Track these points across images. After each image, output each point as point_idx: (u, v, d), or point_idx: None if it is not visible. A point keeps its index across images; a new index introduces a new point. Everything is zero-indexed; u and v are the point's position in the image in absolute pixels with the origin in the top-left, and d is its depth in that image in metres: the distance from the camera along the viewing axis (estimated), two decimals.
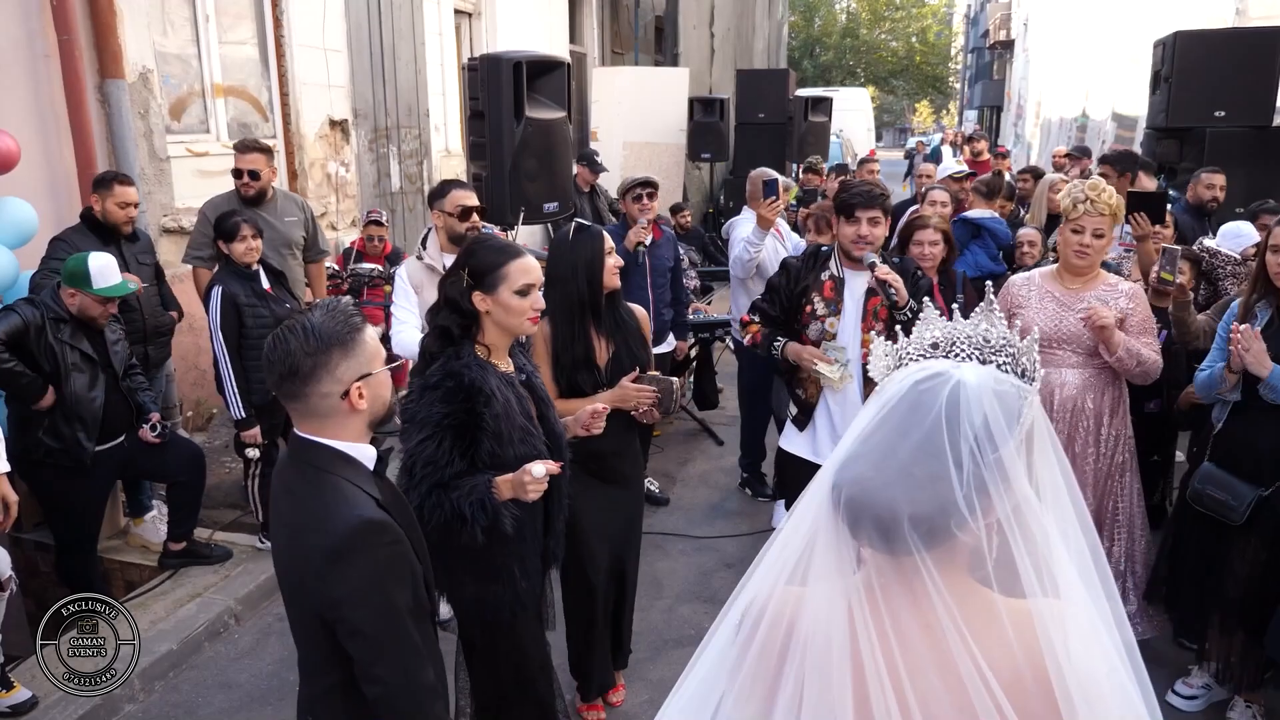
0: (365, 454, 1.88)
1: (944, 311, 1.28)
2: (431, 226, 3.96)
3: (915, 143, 25.49)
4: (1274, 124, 6.53)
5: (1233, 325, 3.11)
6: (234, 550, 4.52)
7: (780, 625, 1.20)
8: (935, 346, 1.21)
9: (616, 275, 3.05)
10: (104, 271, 3.84)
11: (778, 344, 3.57)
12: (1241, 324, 3.06)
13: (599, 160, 8.57)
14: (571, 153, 5.86)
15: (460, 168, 7.89)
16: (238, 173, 4.87)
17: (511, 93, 4.83)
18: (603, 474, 3.11)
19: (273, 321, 4.28)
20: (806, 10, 38.56)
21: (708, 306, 6.84)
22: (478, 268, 2.42)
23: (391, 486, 2.05)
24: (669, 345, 5.18)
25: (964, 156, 11.27)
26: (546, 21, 10.22)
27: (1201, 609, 3.30)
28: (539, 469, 2.27)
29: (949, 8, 49.20)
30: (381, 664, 1.78)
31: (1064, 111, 20.52)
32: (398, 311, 3.81)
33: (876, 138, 29.84)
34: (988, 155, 10.78)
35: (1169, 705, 3.38)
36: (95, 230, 4.36)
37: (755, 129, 12.41)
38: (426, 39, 8.12)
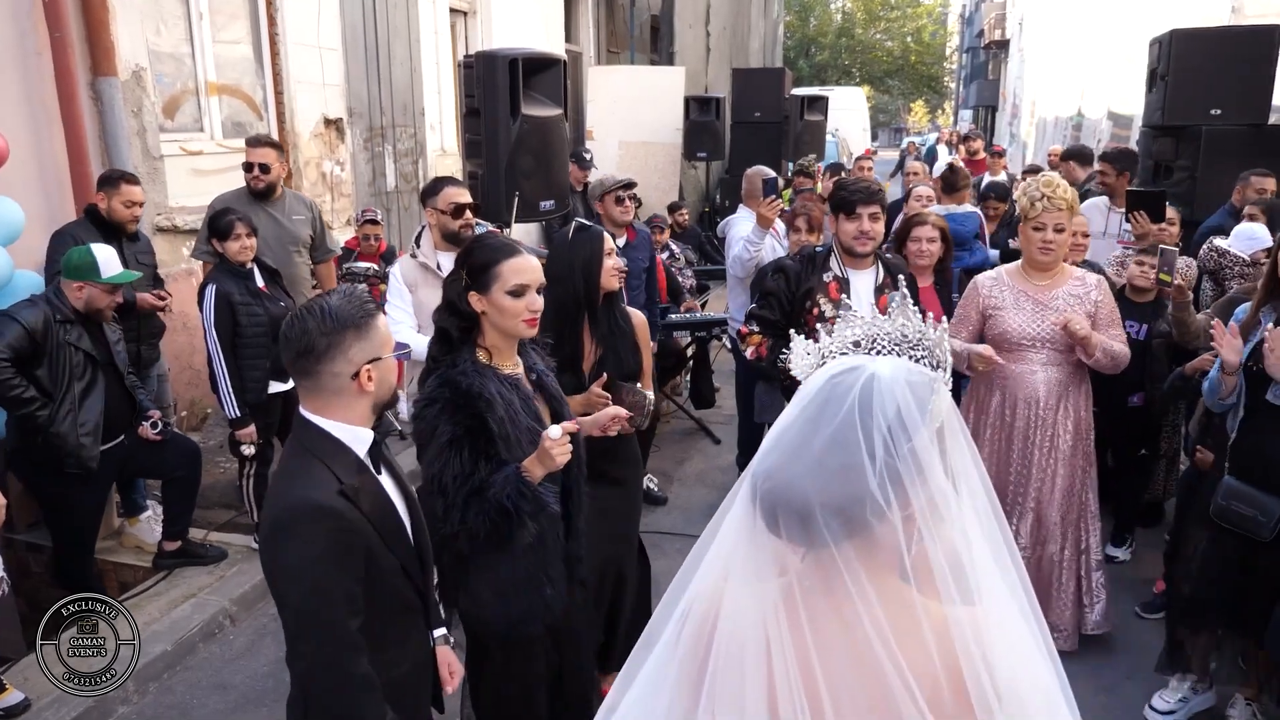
0: (361, 437, 1.94)
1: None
2: (425, 224, 3.94)
3: (907, 143, 25.44)
4: (1270, 122, 6.53)
5: (1214, 322, 3.11)
6: (229, 551, 4.50)
7: (705, 625, 1.21)
8: (857, 345, 1.23)
9: (615, 277, 3.00)
10: (110, 261, 3.84)
11: (784, 355, 3.50)
12: (1248, 327, 3.02)
13: (589, 158, 8.55)
14: (568, 150, 5.84)
15: (456, 167, 7.85)
16: (248, 166, 4.87)
17: (507, 90, 4.80)
18: (590, 475, 3.06)
19: (267, 320, 4.26)
20: (802, 10, 38.65)
21: (703, 306, 6.83)
22: (473, 267, 2.34)
23: (392, 482, 2.05)
24: None
25: (960, 155, 11.30)
26: (542, 20, 10.19)
27: (1224, 620, 3.15)
28: (555, 430, 2.21)
29: (944, 7, 49.23)
30: (304, 641, 1.85)
31: (1059, 111, 20.56)
32: (392, 311, 3.78)
33: (872, 137, 29.87)
34: (983, 154, 10.80)
35: None
36: (99, 226, 4.35)
37: (751, 128, 12.38)
38: (422, 37, 8.09)
